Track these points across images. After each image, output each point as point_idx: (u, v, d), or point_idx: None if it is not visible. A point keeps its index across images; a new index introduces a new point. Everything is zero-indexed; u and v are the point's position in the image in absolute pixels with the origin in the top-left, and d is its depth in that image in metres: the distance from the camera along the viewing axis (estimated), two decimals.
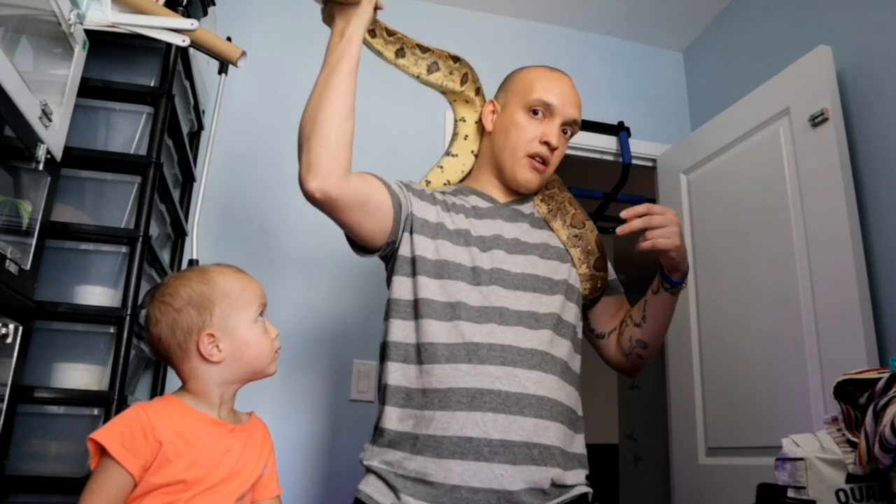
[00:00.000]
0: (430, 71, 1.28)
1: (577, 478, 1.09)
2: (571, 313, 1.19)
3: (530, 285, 1.16)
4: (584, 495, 1.10)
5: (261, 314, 1.00)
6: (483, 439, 1.00)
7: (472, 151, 1.37)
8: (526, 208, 1.31)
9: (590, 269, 1.25)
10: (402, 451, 1.06)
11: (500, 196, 1.30)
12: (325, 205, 1.07)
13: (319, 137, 1.09)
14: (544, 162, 1.24)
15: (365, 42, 1.23)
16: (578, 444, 1.14)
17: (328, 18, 1.26)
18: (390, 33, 1.28)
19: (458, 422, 1.02)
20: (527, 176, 1.24)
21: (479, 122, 1.36)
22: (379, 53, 1.30)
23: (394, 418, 1.08)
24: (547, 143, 1.22)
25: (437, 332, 1.08)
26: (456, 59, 1.32)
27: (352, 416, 2.06)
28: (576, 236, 1.26)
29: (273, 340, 1.00)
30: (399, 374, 1.10)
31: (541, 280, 1.18)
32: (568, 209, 1.29)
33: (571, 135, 1.28)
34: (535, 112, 1.24)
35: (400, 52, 1.26)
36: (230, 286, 0.98)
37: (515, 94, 1.28)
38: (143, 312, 1.01)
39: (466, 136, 1.38)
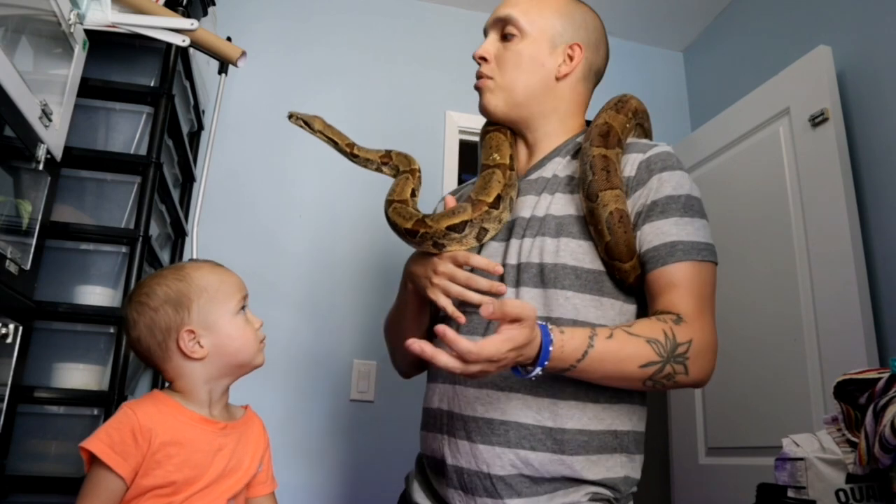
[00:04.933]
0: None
1: (564, 498, 0.91)
2: (569, 305, 0.95)
3: (512, 279, 0.99)
4: None
5: (242, 306, 0.98)
6: (439, 460, 0.99)
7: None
8: (546, 171, 1.07)
9: (604, 254, 0.96)
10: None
11: (524, 164, 1.11)
12: None
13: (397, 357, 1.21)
14: (480, 76, 1.08)
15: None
16: (596, 469, 0.92)
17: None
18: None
19: (427, 442, 1.04)
20: (480, 102, 1.09)
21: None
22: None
23: None
24: (474, 59, 1.09)
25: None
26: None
27: (352, 416, 2.06)
28: (590, 212, 0.96)
29: (257, 331, 0.98)
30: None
31: (520, 269, 0.98)
32: (587, 174, 0.97)
33: (512, 36, 1.06)
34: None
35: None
36: (207, 280, 0.96)
37: None
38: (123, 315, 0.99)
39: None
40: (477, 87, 1.09)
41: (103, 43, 1.43)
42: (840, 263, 1.70)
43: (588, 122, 1.12)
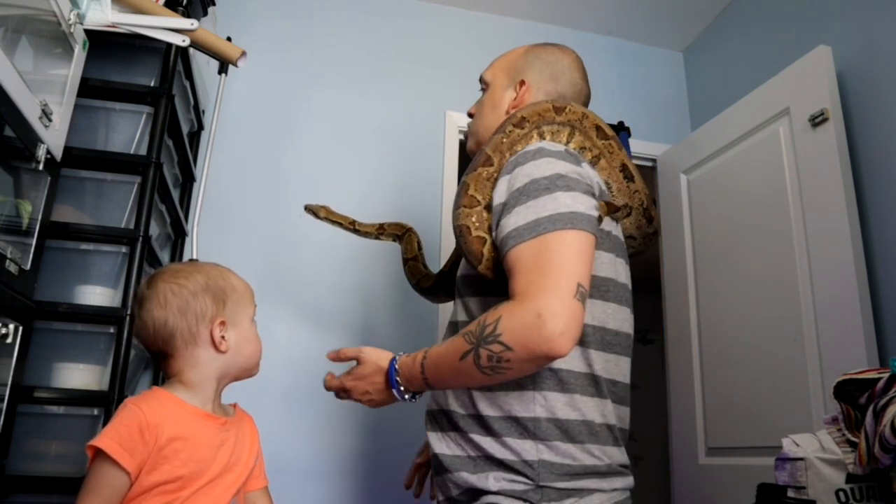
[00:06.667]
0: None
1: (480, 480, 0.98)
2: (466, 309, 1.10)
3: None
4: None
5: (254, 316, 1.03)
6: None
7: None
8: None
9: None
10: None
11: None
12: None
13: None
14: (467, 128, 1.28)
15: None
16: (502, 451, 0.98)
17: None
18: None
19: None
20: None
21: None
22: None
23: None
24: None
25: None
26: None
27: (352, 416, 2.06)
28: None
29: (261, 343, 1.03)
30: None
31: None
32: None
33: (483, 91, 1.25)
34: None
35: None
36: (237, 282, 1.01)
37: None
38: (142, 293, 0.97)
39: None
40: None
41: (103, 43, 1.43)
42: (840, 264, 1.70)
43: None
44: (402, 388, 1.01)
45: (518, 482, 0.95)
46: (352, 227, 1.49)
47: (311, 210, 1.50)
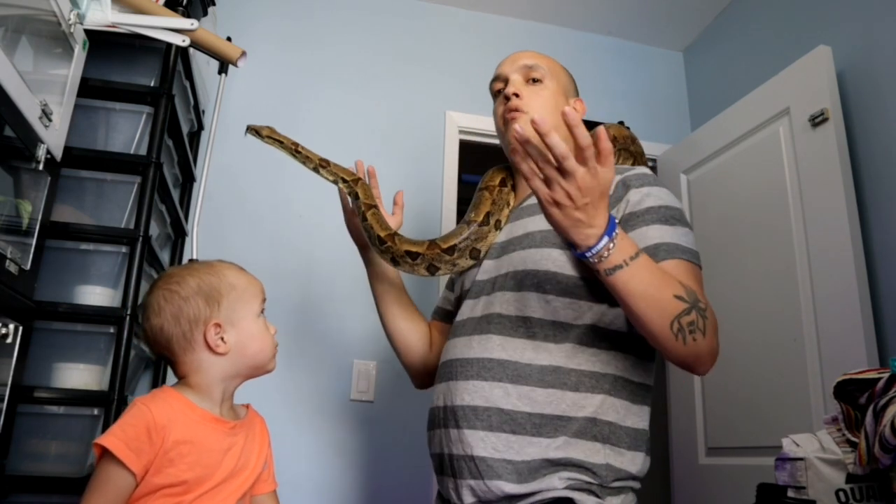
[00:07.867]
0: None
1: (541, 484, 0.97)
2: (549, 307, 1.05)
3: (499, 285, 1.11)
4: (560, 500, 0.96)
5: (262, 310, 1.01)
6: (437, 455, 1.09)
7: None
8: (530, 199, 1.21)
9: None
10: None
11: (524, 192, 1.24)
12: None
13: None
14: (515, 109, 1.17)
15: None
16: (570, 450, 0.98)
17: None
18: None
19: (430, 440, 1.12)
20: (510, 131, 1.18)
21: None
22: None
23: None
24: (506, 97, 1.18)
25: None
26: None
27: (352, 416, 2.06)
28: None
29: (272, 337, 1.01)
30: None
31: (507, 277, 1.11)
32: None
33: (538, 80, 1.19)
34: (497, 94, 1.23)
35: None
36: (237, 279, 0.99)
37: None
38: (143, 302, 0.98)
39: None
40: (510, 118, 1.17)
41: (103, 43, 1.43)
42: (840, 263, 1.70)
43: None
44: (611, 244, 0.85)
45: (582, 480, 0.98)
46: (293, 148, 1.35)
47: (254, 129, 1.34)
